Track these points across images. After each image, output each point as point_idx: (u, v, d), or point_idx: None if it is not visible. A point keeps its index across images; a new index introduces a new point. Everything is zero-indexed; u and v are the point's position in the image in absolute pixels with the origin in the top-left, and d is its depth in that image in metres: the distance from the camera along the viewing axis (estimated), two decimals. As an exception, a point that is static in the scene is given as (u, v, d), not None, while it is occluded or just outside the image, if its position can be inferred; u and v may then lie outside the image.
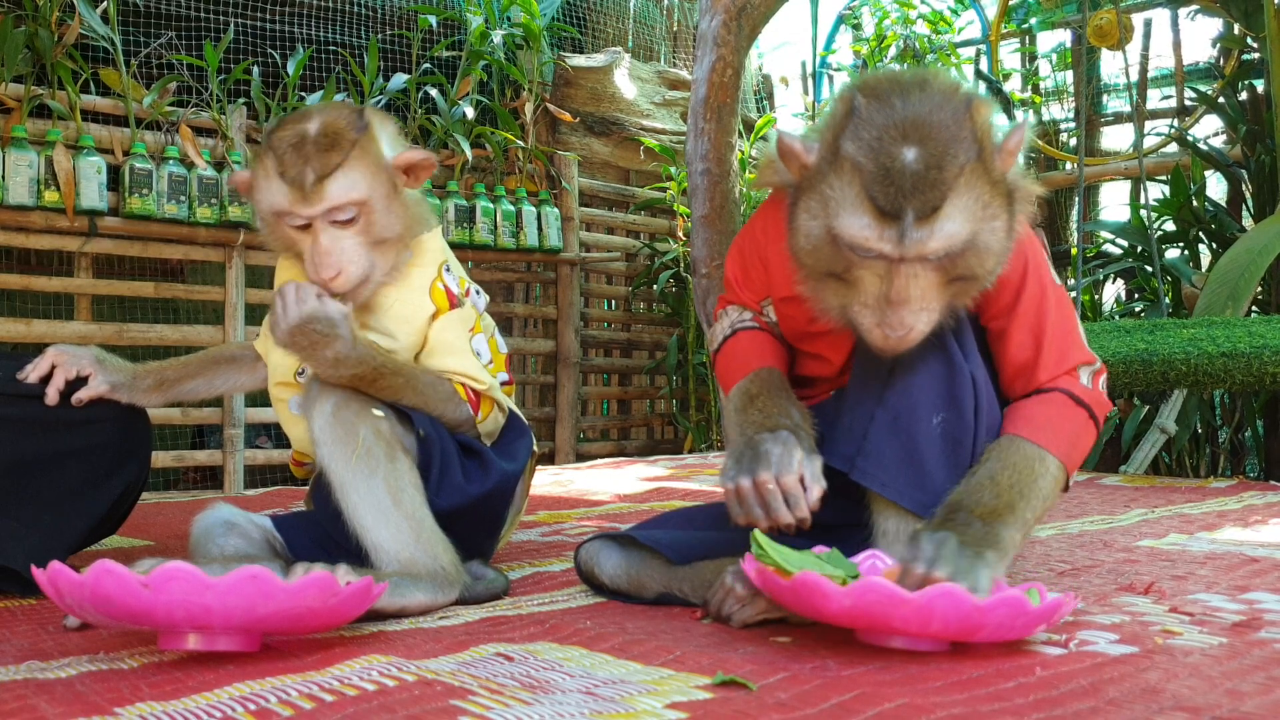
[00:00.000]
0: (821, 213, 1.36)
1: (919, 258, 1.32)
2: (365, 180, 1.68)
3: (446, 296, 1.80)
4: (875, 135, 1.32)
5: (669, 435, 5.88)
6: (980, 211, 1.33)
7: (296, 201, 1.65)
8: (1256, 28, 5.03)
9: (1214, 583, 1.69)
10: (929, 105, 1.32)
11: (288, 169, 1.64)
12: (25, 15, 3.72)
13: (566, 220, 5.17)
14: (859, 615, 1.20)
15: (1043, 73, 6.77)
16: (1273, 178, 4.83)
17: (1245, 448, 4.88)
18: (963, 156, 1.31)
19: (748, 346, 1.64)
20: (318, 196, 1.64)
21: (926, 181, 1.29)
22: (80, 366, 1.81)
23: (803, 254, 1.42)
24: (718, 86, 4.16)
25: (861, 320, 1.38)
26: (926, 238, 1.30)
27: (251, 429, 4.49)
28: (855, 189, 1.32)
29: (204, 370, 1.96)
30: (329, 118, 1.69)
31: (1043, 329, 1.50)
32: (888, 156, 1.30)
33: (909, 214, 1.29)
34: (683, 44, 6.36)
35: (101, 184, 3.75)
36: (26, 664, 1.29)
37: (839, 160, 1.34)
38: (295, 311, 1.57)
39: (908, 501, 1.42)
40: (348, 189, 1.66)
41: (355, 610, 1.34)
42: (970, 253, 1.34)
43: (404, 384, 1.68)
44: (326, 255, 1.66)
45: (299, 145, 1.65)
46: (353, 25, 4.99)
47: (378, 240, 1.71)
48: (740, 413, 1.53)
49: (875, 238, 1.31)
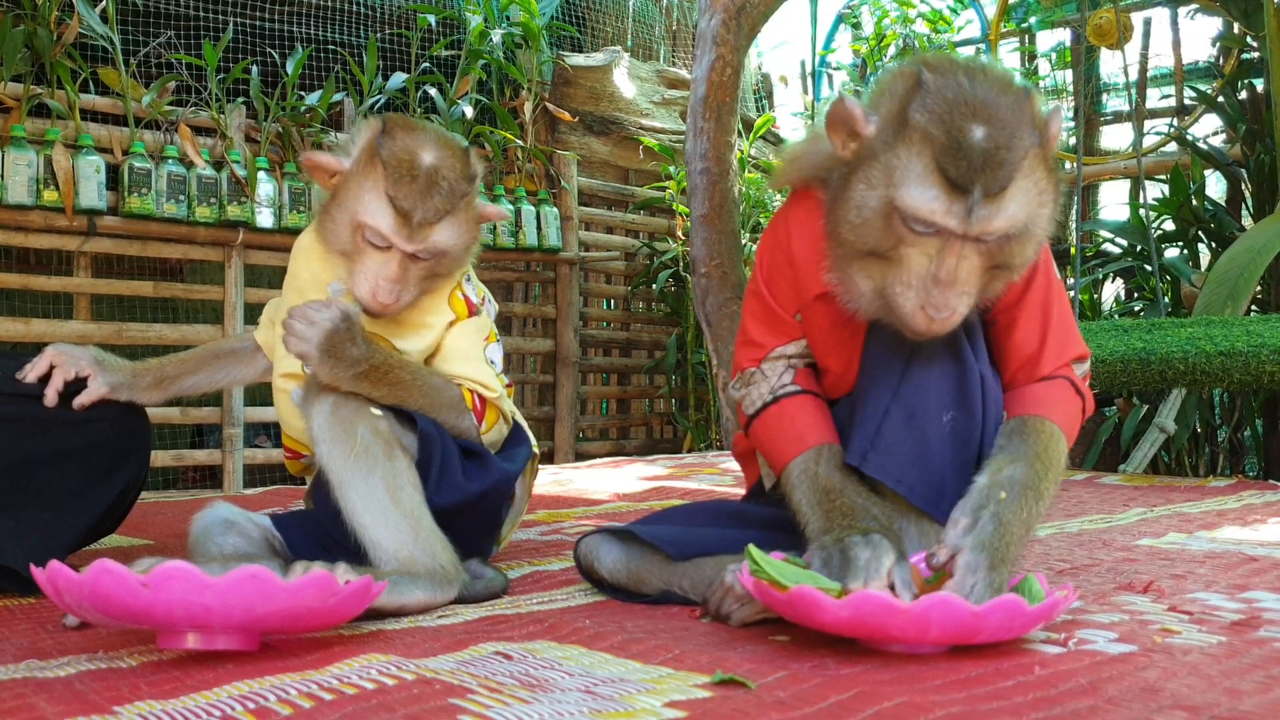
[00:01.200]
0: (883, 183, 1.34)
1: (979, 237, 1.31)
2: (461, 233, 1.73)
3: (466, 305, 1.83)
4: (946, 109, 1.30)
5: (668, 434, 5.88)
6: (1036, 198, 1.34)
7: (399, 230, 1.65)
8: (1256, 27, 5.03)
9: (1213, 581, 1.69)
10: (995, 88, 1.33)
11: (400, 197, 1.64)
12: (24, 14, 3.72)
13: (565, 220, 5.17)
14: (856, 626, 1.21)
15: (1042, 72, 6.77)
16: (1272, 177, 4.83)
17: (1244, 447, 4.88)
18: (1028, 141, 1.31)
19: (797, 416, 1.54)
20: (421, 236, 1.67)
21: (997, 160, 1.28)
22: (79, 367, 1.80)
23: (846, 229, 1.38)
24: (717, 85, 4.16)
25: (903, 302, 1.35)
26: (992, 216, 1.30)
27: (251, 428, 4.49)
28: (926, 160, 1.30)
29: (204, 365, 1.96)
30: (448, 156, 1.70)
31: (1048, 322, 1.51)
32: (960, 131, 1.29)
33: (977, 190, 1.28)
34: (682, 43, 6.36)
35: (100, 183, 3.75)
36: (25, 663, 1.29)
37: (907, 130, 1.32)
38: (321, 324, 1.58)
39: (918, 498, 1.42)
40: (446, 238, 1.70)
41: (354, 609, 1.33)
42: (1018, 240, 1.34)
43: (410, 380, 1.68)
44: (393, 285, 1.67)
45: (415, 176, 1.65)
46: (352, 24, 4.99)
47: (436, 275, 1.75)
48: (818, 506, 1.46)
49: (942, 211, 1.30)
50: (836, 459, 1.49)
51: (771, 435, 1.56)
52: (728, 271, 4.14)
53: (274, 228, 4.10)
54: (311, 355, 1.58)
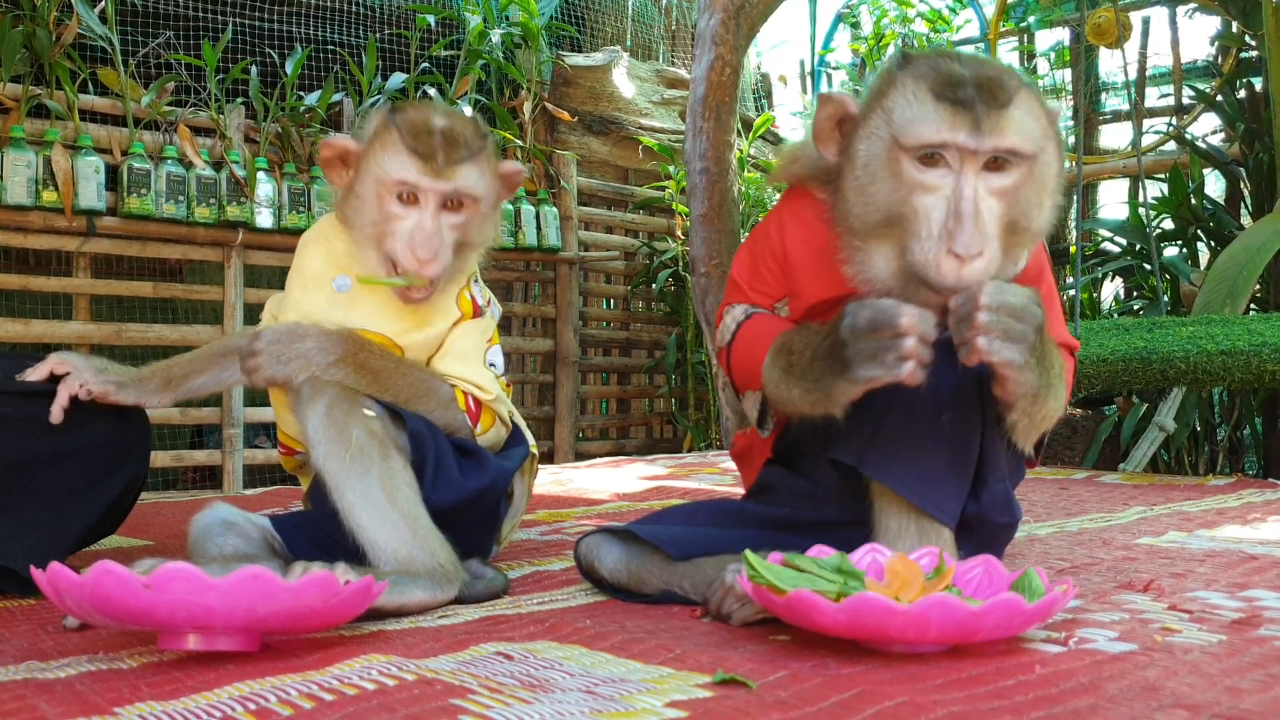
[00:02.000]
0: (884, 127, 1.35)
1: (995, 150, 1.32)
2: (484, 180, 1.76)
3: (472, 305, 1.84)
4: (933, 60, 1.36)
5: (668, 434, 5.88)
6: (1041, 131, 1.36)
7: (425, 173, 1.69)
8: (1255, 26, 5.03)
9: (1213, 580, 1.69)
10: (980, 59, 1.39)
11: (420, 144, 1.69)
12: (23, 15, 3.72)
13: (565, 219, 5.17)
14: (855, 628, 1.21)
15: (1041, 71, 6.77)
16: (1271, 175, 4.83)
17: (1244, 445, 4.88)
18: (1020, 80, 1.36)
19: (766, 324, 1.57)
20: (448, 175, 1.70)
21: (992, 82, 1.33)
22: (83, 379, 1.80)
23: (856, 201, 1.38)
24: (716, 85, 4.16)
25: (925, 255, 1.32)
26: (1002, 125, 1.31)
27: (250, 429, 4.49)
28: (920, 93, 1.34)
29: (210, 365, 1.94)
30: (460, 118, 1.77)
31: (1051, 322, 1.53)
32: (948, 67, 1.34)
33: (980, 104, 1.31)
34: (681, 43, 6.36)
35: (100, 184, 3.75)
36: (26, 664, 1.29)
37: (897, 83, 1.36)
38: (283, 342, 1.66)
39: (917, 498, 1.42)
40: (474, 180, 1.73)
41: (355, 609, 1.33)
42: (1030, 184, 1.35)
43: (393, 368, 1.71)
44: (430, 236, 1.70)
45: (432, 130, 1.71)
46: (351, 24, 4.99)
47: (467, 243, 1.77)
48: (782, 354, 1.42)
49: (949, 129, 1.31)
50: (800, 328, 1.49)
51: (746, 348, 1.57)
52: (727, 271, 4.14)
53: (273, 228, 4.10)
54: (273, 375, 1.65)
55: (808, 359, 1.37)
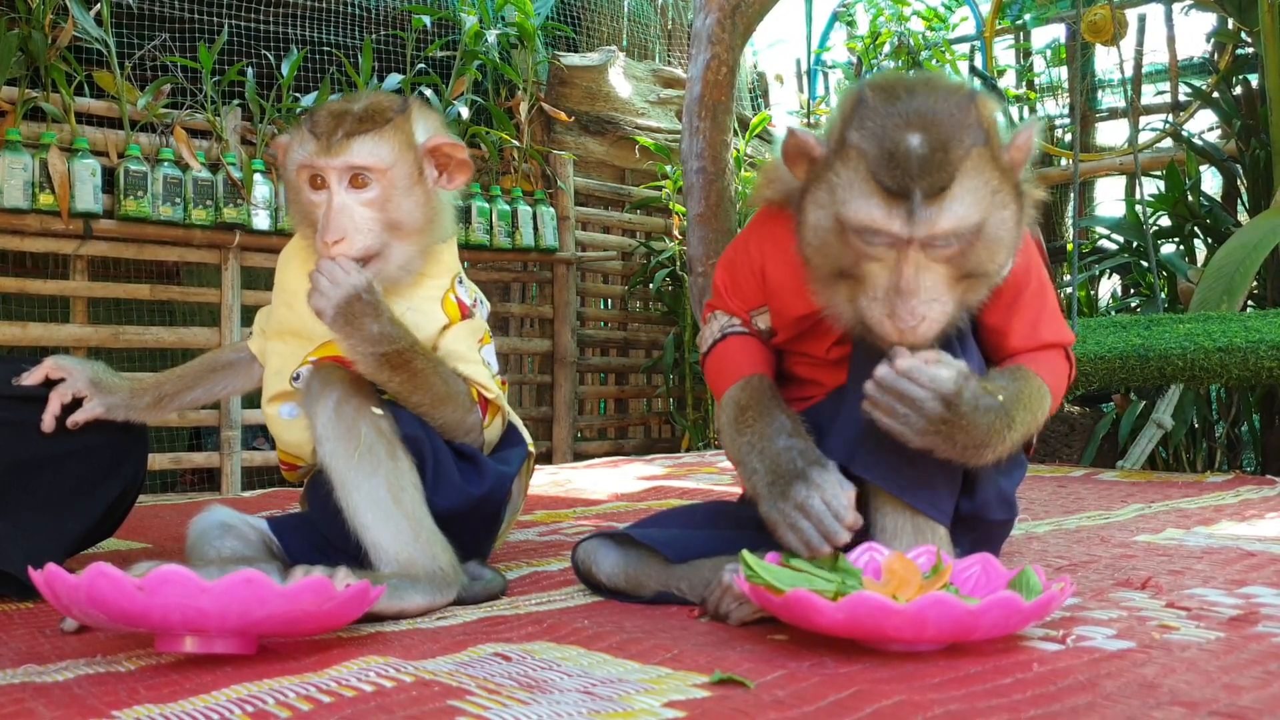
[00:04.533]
0: (829, 201, 1.36)
1: (929, 239, 1.31)
2: (391, 153, 1.69)
3: (459, 308, 1.80)
4: (880, 124, 1.32)
5: (666, 434, 5.88)
6: (989, 198, 1.33)
7: (319, 153, 1.66)
8: (1251, 22, 5.04)
9: (1211, 577, 1.69)
10: (935, 98, 1.34)
11: (319, 126, 1.67)
12: (18, 18, 3.71)
13: (562, 220, 5.17)
14: (852, 627, 1.21)
15: (1037, 69, 6.78)
16: (1267, 172, 4.83)
17: (1241, 442, 4.89)
18: (969, 141, 1.32)
19: (737, 352, 1.64)
20: (340, 150, 1.66)
21: (933, 163, 1.30)
22: (76, 389, 1.79)
23: (812, 253, 1.41)
24: (712, 85, 4.17)
25: (871, 314, 1.36)
26: (936, 216, 1.30)
27: (248, 430, 4.49)
28: (861, 173, 1.32)
29: (202, 379, 1.94)
30: (373, 98, 1.74)
31: (1039, 321, 1.54)
32: (892, 141, 1.31)
33: (917, 193, 1.29)
34: (677, 42, 6.36)
35: (96, 186, 3.75)
36: (24, 667, 1.29)
37: (845, 150, 1.35)
38: (347, 282, 1.59)
39: (908, 496, 1.42)
40: (370, 152, 1.67)
41: (351, 614, 1.33)
42: (980, 244, 1.34)
43: (431, 370, 1.68)
44: (336, 216, 1.66)
45: (331, 111, 1.69)
46: (347, 26, 4.99)
47: (393, 222, 1.70)
48: (734, 424, 1.54)
49: (883, 218, 1.31)
50: (763, 386, 1.57)
51: (716, 370, 1.65)
52: (724, 270, 4.14)
53: (270, 230, 4.10)
54: (326, 314, 1.59)
55: (753, 449, 1.49)
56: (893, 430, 1.34)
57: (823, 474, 1.39)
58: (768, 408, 1.53)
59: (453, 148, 1.77)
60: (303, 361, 1.75)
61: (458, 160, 1.78)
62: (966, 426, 1.33)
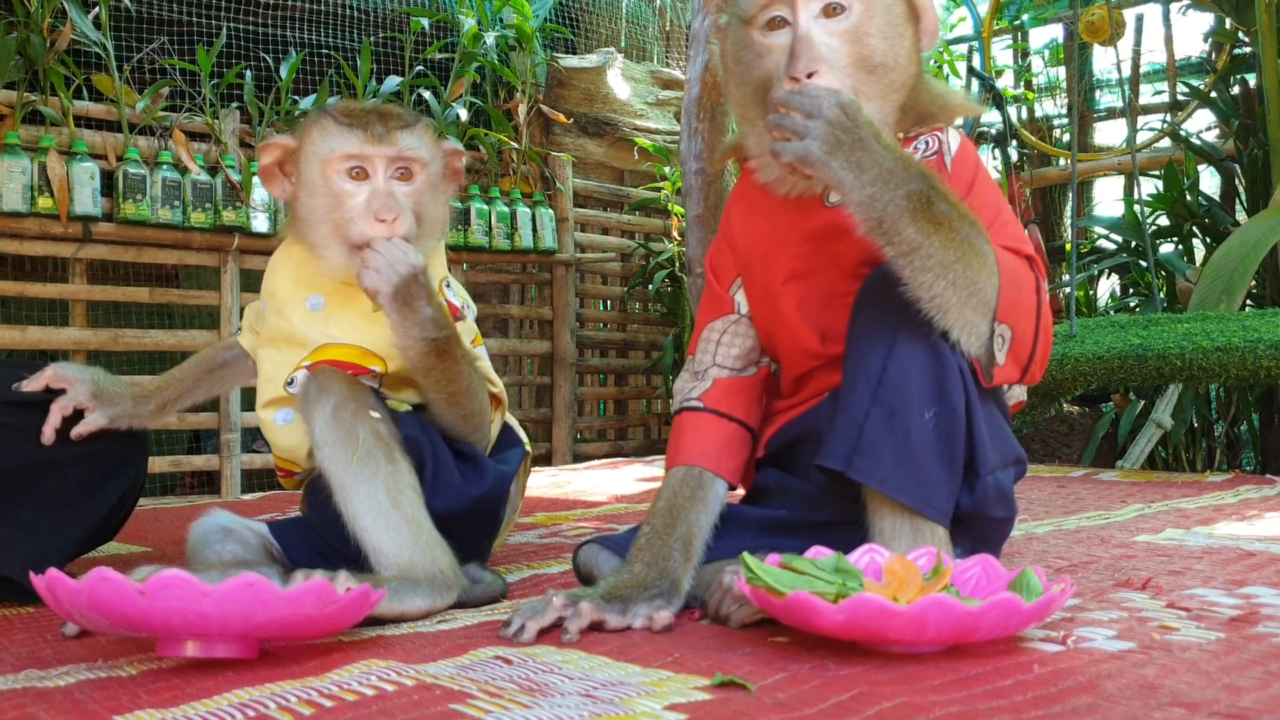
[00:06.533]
0: (736, 22, 1.51)
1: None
2: (428, 149, 1.75)
3: (449, 310, 1.80)
4: None
5: (666, 435, 5.87)
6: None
7: (369, 142, 1.68)
8: (1248, 22, 5.04)
9: (1211, 577, 1.69)
10: None
11: (357, 119, 1.69)
12: (17, 21, 3.72)
13: (561, 221, 5.17)
14: (853, 629, 1.21)
15: (1035, 69, 6.78)
16: (1266, 171, 4.84)
17: (1241, 441, 4.89)
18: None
19: (684, 432, 1.67)
20: (390, 140, 1.69)
21: None
22: (77, 401, 1.80)
23: (734, 85, 1.55)
24: (711, 86, 4.16)
25: (778, 93, 1.41)
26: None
27: (248, 433, 4.48)
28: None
29: (201, 381, 1.95)
30: (390, 105, 1.78)
31: (995, 222, 1.51)
32: None
33: None
34: (675, 44, 6.36)
35: (95, 189, 3.75)
36: (25, 672, 1.29)
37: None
38: (405, 262, 1.60)
39: (905, 498, 1.42)
40: (415, 145, 1.71)
41: (353, 617, 1.33)
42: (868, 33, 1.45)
43: (465, 360, 1.70)
44: (389, 198, 1.67)
45: (365, 108, 1.72)
46: (345, 28, 4.99)
47: (422, 216, 1.73)
48: (651, 508, 1.61)
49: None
50: (682, 479, 1.62)
51: (670, 440, 1.72)
52: (723, 272, 4.14)
53: (269, 232, 4.10)
54: (384, 293, 1.60)
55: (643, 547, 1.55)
56: (799, 153, 1.35)
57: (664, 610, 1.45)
58: (676, 516, 1.57)
59: (457, 149, 1.84)
60: (297, 367, 1.74)
61: (459, 168, 1.84)
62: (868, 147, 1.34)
